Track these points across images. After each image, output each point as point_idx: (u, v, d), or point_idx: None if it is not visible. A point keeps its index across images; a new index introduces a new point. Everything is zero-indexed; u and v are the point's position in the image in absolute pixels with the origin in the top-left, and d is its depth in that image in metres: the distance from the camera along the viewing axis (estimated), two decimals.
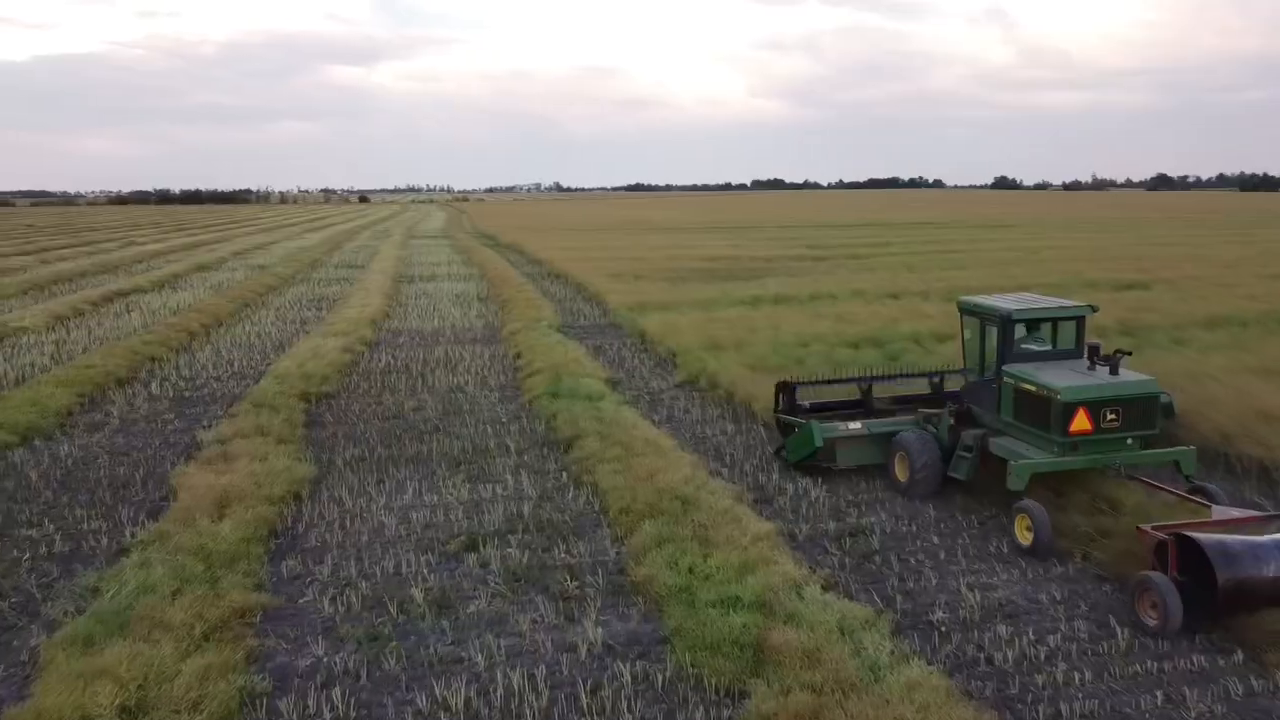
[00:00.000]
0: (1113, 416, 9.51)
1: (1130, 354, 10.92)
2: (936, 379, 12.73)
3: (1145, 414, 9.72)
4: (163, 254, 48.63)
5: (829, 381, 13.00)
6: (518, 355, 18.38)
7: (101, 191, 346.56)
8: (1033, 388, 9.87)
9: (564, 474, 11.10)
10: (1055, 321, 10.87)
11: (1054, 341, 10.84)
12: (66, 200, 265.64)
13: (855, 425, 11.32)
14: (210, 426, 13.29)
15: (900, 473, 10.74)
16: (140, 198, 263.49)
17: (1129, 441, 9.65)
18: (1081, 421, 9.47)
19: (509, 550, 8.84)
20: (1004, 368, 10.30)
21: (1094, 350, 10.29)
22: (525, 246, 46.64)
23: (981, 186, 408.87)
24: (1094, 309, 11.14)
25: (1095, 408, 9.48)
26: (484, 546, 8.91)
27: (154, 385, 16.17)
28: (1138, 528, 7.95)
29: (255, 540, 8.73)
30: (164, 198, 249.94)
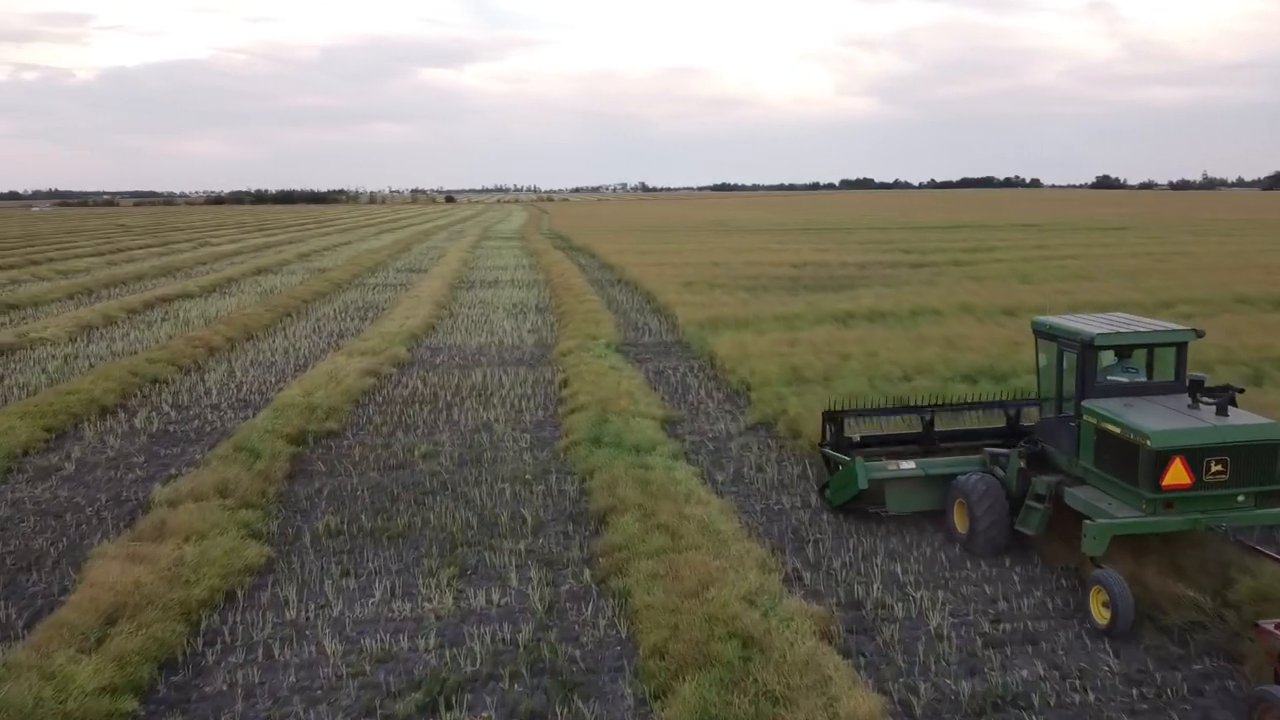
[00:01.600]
0: (1219, 468, 7.75)
1: (1242, 390, 9.45)
2: (1013, 411, 10.91)
3: (1262, 465, 7.89)
4: (231, 255, 47.56)
5: (884, 411, 11.08)
6: (564, 383, 15.68)
7: (202, 192, 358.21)
8: (1117, 429, 8.15)
9: (586, 572, 8.31)
10: (1150, 348, 9.12)
11: (1149, 373, 9.14)
12: (167, 201, 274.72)
13: (907, 465, 9.67)
14: (174, 478, 10.91)
15: (959, 523, 9.13)
16: (237, 198, 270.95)
17: (1240, 499, 7.87)
18: (1178, 474, 7.70)
19: (486, 716, 6.08)
20: (1084, 403, 8.56)
21: (1198, 385, 8.52)
22: (597, 249, 44.07)
23: (1082, 186, 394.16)
24: (1199, 334, 9.26)
25: (1196, 456, 7.72)
26: (449, 709, 6.16)
27: (140, 416, 13.94)
28: (1256, 625, 6.25)
29: (125, 691, 6.12)
30: (258, 198, 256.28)
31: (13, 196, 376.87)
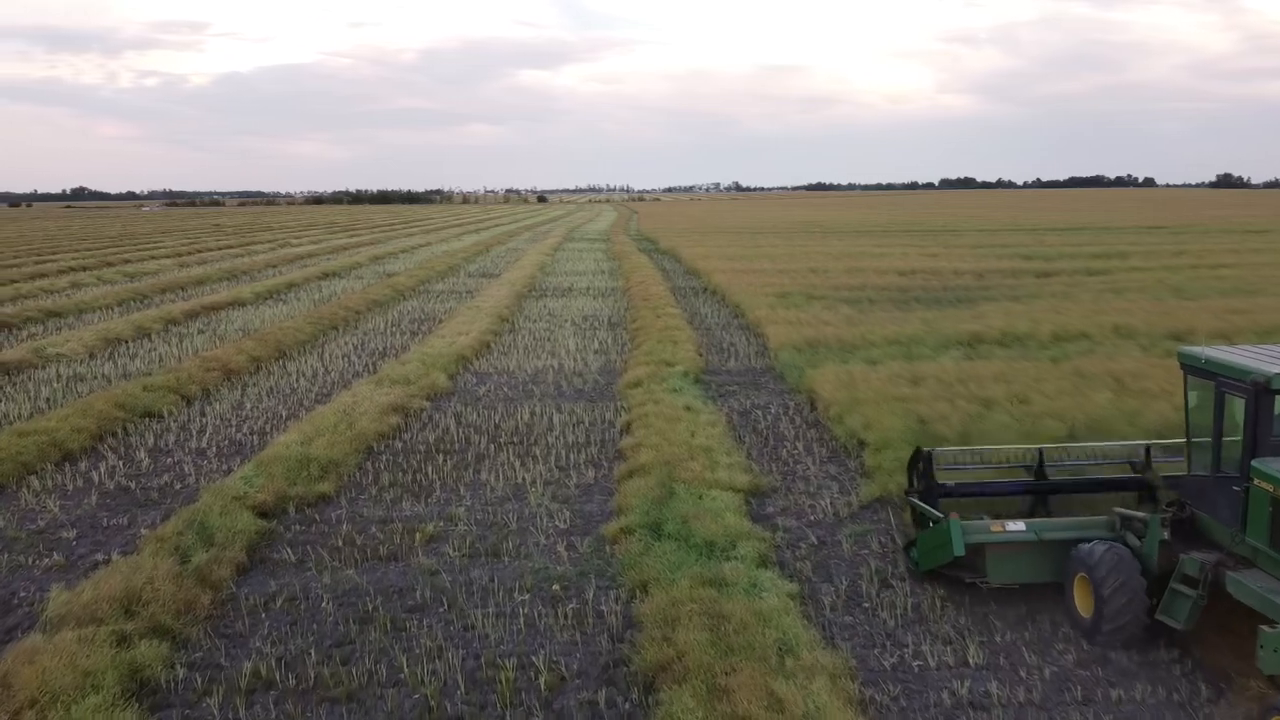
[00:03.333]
0: None
1: None
2: (1140, 458, 8.72)
3: None
4: (304, 258, 45.96)
5: (985, 454, 9.11)
6: (627, 427, 12.63)
7: (305, 192, 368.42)
8: None
9: None
10: None
11: None
12: (269, 201, 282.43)
13: (1015, 525, 7.70)
14: (95, 568, 8.21)
15: (1081, 604, 7.17)
16: (336, 198, 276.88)
17: None
18: None
19: None
20: (1255, 462, 6.65)
21: None
22: (684, 253, 40.90)
23: (1200, 185, 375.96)
24: None
25: None
26: None
27: (104, 466, 11.38)
28: None
29: None
30: (356, 198, 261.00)
31: (130, 196, 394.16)
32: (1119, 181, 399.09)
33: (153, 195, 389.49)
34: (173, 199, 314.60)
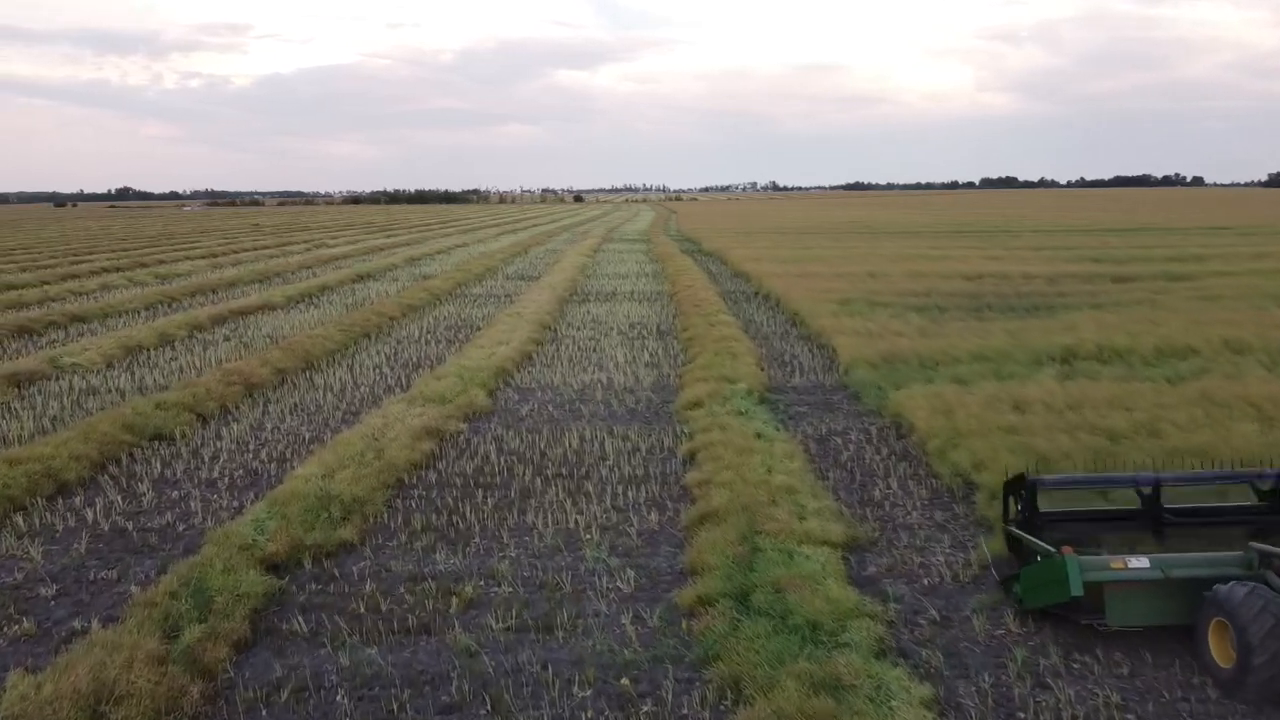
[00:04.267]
0: None
1: None
2: (1271, 480, 7.77)
3: None
4: (339, 259, 44.97)
5: (1092, 480, 8.13)
6: (691, 456, 11.10)
7: (343, 191, 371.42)
8: None
9: None
10: None
11: None
12: (308, 200, 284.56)
13: (1138, 562, 6.64)
14: (71, 639, 6.84)
15: (1218, 653, 6.06)
16: (374, 198, 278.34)
17: None
18: None
19: None
20: None
21: None
22: (729, 255, 39.29)
23: (1252, 184, 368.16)
24: None
25: None
26: None
27: (101, 501, 10.04)
28: None
29: None
30: (393, 198, 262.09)
31: (173, 196, 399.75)
32: (1166, 181, 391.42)
33: (195, 195, 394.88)
34: (214, 199, 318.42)
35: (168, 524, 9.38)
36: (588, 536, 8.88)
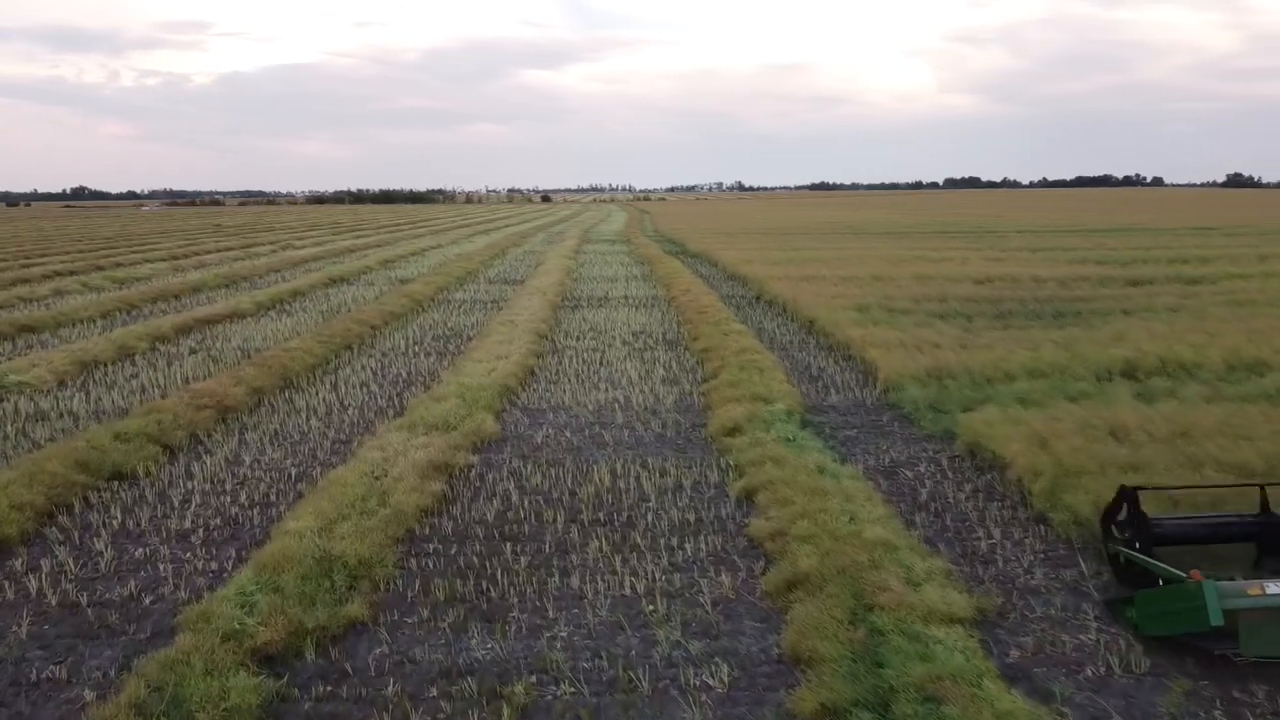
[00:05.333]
0: None
1: None
2: None
3: None
4: (309, 261, 42.97)
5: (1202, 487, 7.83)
6: (748, 497, 9.56)
7: (306, 191, 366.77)
8: None
9: None
10: None
11: None
12: (270, 200, 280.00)
13: (1277, 588, 5.89)
14: None
15: None
16: (338, 198, 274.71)
17: None
18: None
19: None
20: None
21: None
22: (719, 257, 37.83)
23: (1209, 185, 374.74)
24: None
25: None
26: None
27: (48, 563, 8.28)
28: None
29: None
30: (358, 197, 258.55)
31: (130, 196, 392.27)
32: (1127, 181, 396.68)
33: (153, 194, 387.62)
34: (173, 198, 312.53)
35: (131, 595, 7.65)
36: (650, 608, 7.29)
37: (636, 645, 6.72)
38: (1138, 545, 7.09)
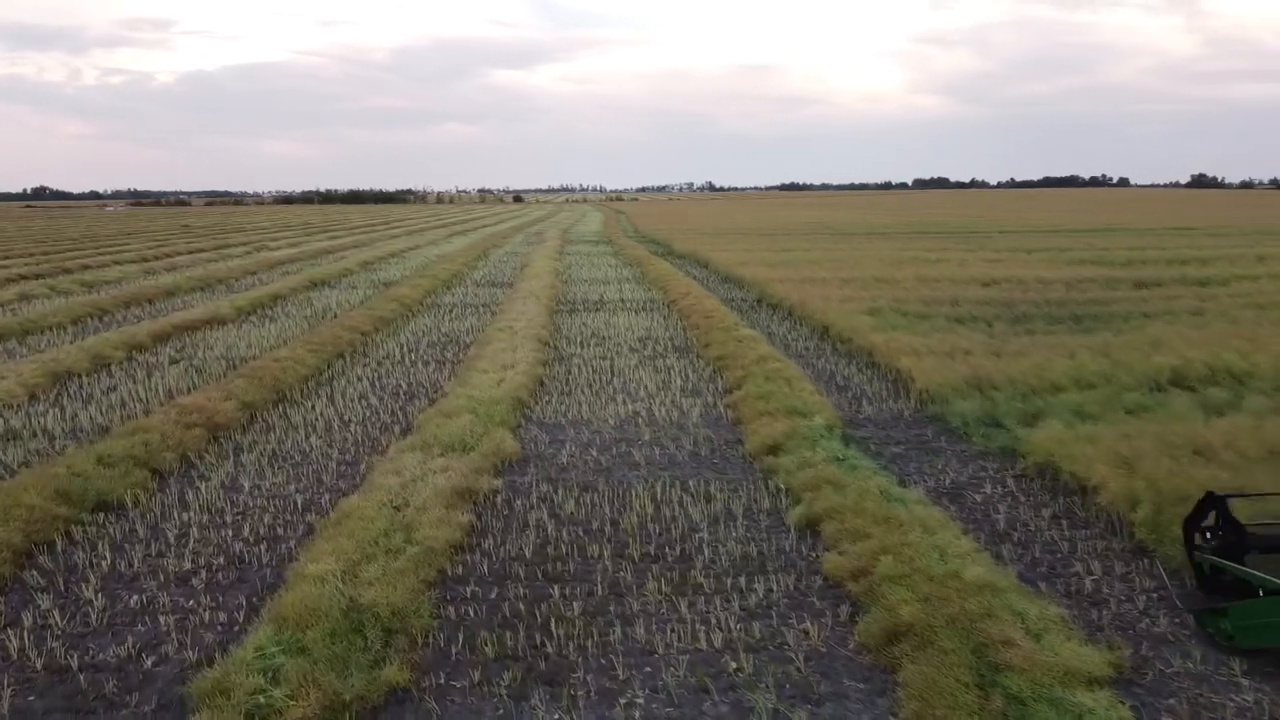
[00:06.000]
0: None
1: None
2: None
3: None
4: (286, 263, 41.64)
5: None
6: (810, 526, 8.66)
7: (273, 191, 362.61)
8: None
9: None
10: None
11: None
12: (237, 200, 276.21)
13: None
14: None
15: None
16: (306, 198, 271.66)
17: None
18: None
19: None
20: None
21: None
22: (712, 258, 36.98)
23: (1173, 185, 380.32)
24: None
25: None
26: None
27: (29, 617, 7.22)
28: None
29: None
30: (327, 198, 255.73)
31: (93, 196, 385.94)
32: (1094, 181, 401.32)
33: (117, 194, 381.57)
34: (137, 198, 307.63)
35: (129, 656, 6.62)
36: (734, 665, 6.37)
37: (729, 715, 5.80)
38: (1225, 554, 6.70)
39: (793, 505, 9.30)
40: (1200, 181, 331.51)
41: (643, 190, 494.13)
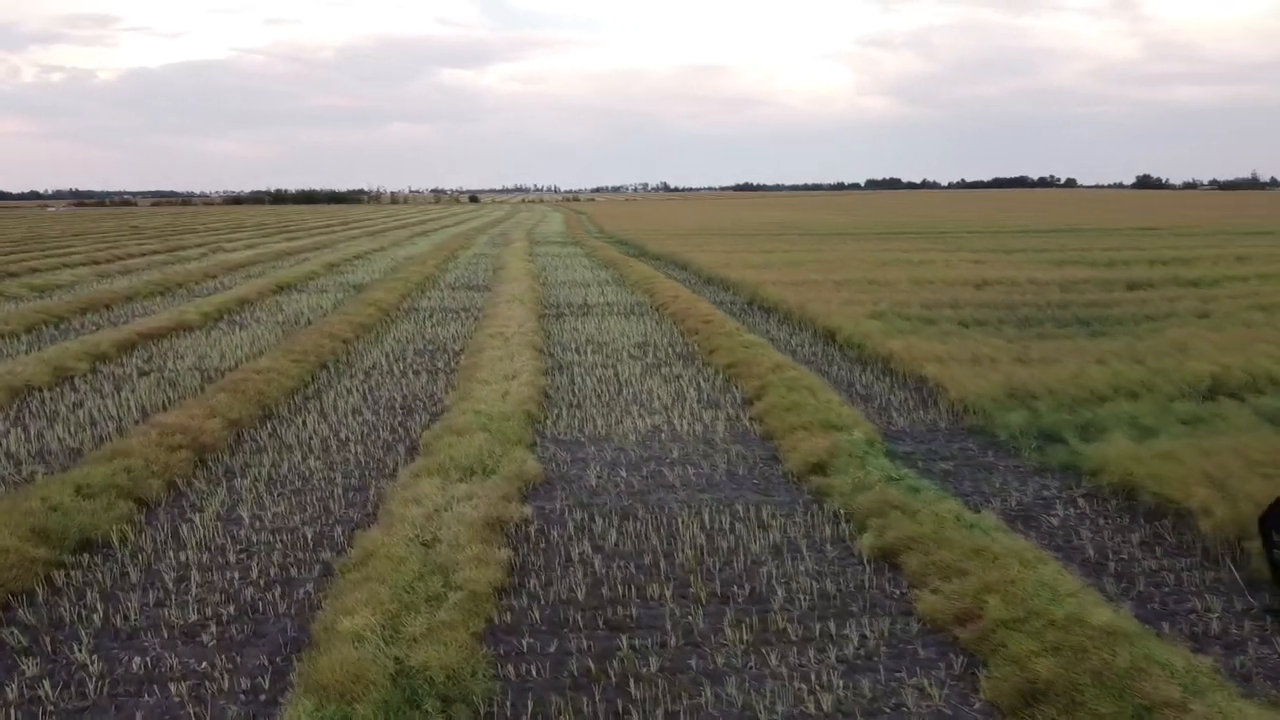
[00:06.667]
0: None
1: None
2: None
3: None
4: (246, 265, 40.13)
5: None
6: (887, 559, 7.86)
7: (221, 192, 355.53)
8: None
9: None
10: None
11: None
12: (185, 201, 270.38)
13: None
14: None
15: None
16: (256, 198, 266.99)
17: None
18: None
19: None
20: None
21: None
22: (690, 259, 36.21)
23: (1119, 186, 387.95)
24: None
25: None
26: None
27: (14, 688, 6.14)
28: None
29: None
30: (278, 198, 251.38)
31: (33, 196, 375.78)
32: (1043, 182, 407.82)
33: (58, 194, 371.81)
34: (80, 198, 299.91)
35: None
36: None
37: None
38: None
39: (859, 533, 8.50)
40: (1145, 182, 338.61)
41: (598, 190, 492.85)
